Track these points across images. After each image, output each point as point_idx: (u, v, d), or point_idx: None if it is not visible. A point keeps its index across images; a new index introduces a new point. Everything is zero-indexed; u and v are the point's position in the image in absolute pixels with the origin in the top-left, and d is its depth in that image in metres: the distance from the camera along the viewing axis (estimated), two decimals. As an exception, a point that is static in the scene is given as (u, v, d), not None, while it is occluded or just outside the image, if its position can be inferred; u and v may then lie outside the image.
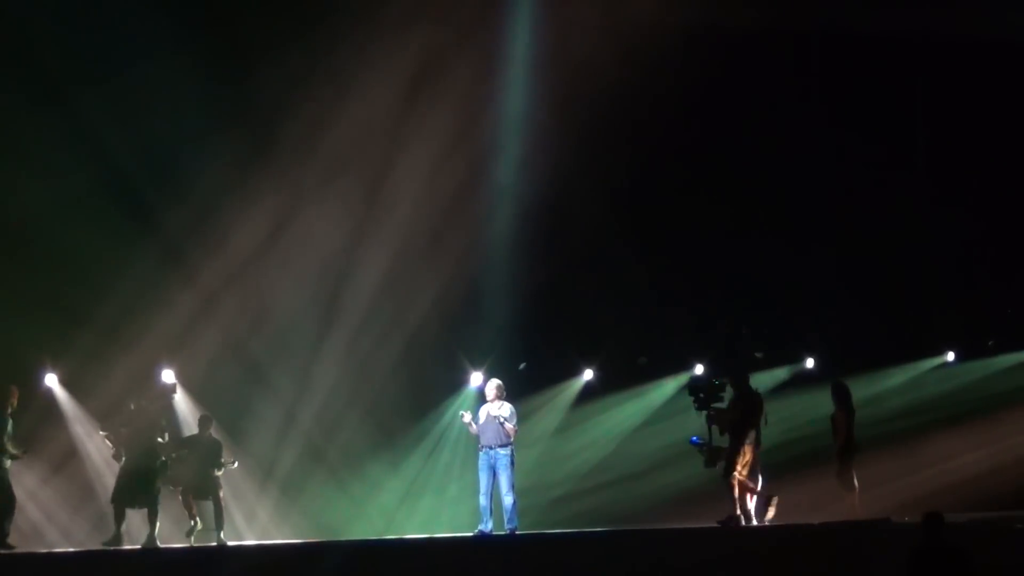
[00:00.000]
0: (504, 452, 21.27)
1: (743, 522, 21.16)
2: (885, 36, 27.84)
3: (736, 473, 21.30)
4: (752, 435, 21.44)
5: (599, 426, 27.30)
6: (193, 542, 21.01)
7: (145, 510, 20.48)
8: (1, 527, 19.92)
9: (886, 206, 28.25)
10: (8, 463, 19.98)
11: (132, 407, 20.52)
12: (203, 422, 21.73)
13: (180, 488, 21.16)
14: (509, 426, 21.25)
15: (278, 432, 24.71)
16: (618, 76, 24.25)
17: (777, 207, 27.12)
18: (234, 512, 23.68)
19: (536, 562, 19.25)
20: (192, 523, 21.10)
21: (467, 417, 21.53)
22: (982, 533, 21.06)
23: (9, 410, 20.14)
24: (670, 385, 27.46)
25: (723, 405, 21.63)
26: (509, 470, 21.30)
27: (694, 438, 21.57)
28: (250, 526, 24.32)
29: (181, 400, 23.60)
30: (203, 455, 21.26)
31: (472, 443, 21.85)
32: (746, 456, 21.40)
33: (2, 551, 19.69)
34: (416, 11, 24.90)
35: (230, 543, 21.33)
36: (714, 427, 21.53)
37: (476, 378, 24.60)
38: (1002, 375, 28.72)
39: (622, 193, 26.39)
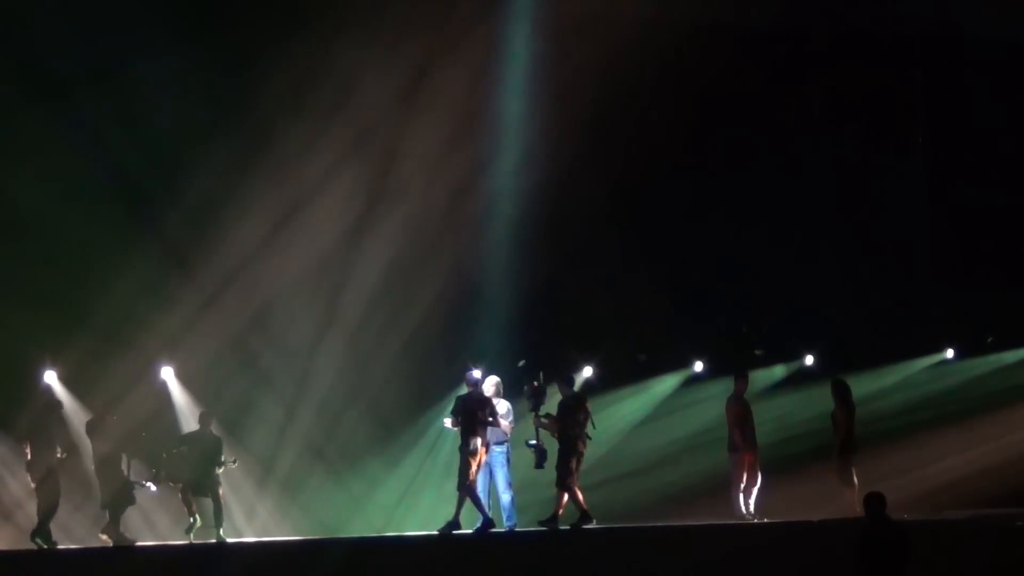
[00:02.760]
0: (499, 450, 21.28)
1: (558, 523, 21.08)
2: (885, 33, 27.86)
3: (570, 479, 21.14)
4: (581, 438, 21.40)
5: (598, 423, 27.07)
6: (193, 539, 21.01)
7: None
8: (44, 524, 20.25)
9: (886, 202, 28.28)
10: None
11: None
12: (203, 419, 21.74)
13: (180, 485, 21.18)
14: (505, 423, 21.25)
15: (278, 429, 24.70)
16: (618, 72, 24.24)
17: (777, 204, 27.11)
18: (234, 509, 23.68)
19: (535, 559, 19.28)
20: (191, 520, 21.10)
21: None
22: (982, 531, 21.11)
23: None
24: (669, 382, 27.46)
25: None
26: (505, 467, 21.33)
27: (529, 441, 21.48)
28: (250, 523, 24.31)
29: (180, 397, 23.66)
30: (203, 452, 21.27)
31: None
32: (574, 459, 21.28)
33: (44, 546, 20.00)
34: (417, 7, 24.92)
35: (229, 540, 21.34)
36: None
37: (475, 375, 24.57)
38: (1001, 372, 28.72)
39: (621, 190, 26.38)
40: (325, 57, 24.15)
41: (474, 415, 20.84)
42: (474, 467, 20.72)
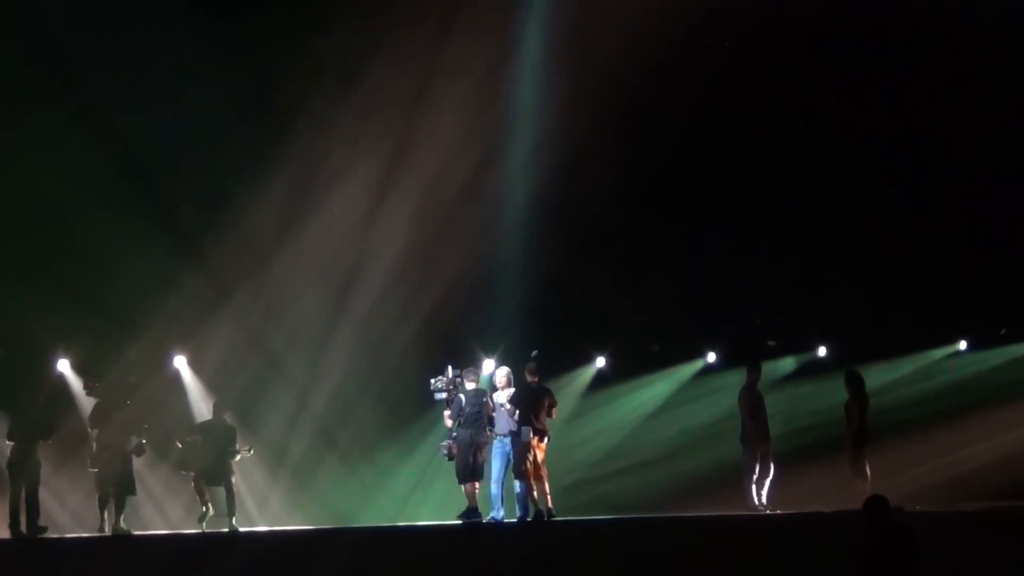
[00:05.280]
0: (506, 440, 21.29)
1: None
2: (895, 25, 27.77)
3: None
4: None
5: (611, 413, 27.31)
6: (205, 528, 21.03)
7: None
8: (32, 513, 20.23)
9: (899, 192, 28.21)
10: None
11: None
12: (217, 408, 21.76)
13: (193, 474, 21.20)
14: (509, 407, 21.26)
15: (290, 418, 24.75)
16: (633, 61, 24.20)
17: (790, 194, 27.04)
18: (246, 498, 23.73)
19: (548, 549, 19.27)
20: (204, 509, 21.13)
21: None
22: (995, 522, 21.07)
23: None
24: (682, 372, 27.46)
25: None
26: (501, 459, 21.40)
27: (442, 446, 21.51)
28: (262, 512, 24.36)
29: (193, 386, 23.68)
30: (216, 441, 21.28)
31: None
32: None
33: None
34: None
35: (242, 529, 21.36)
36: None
37: (488, 365, 24.57)
38: (1014, 364, 28.66)
39: (635, 180, 26.34)
40: (339, 45, 24.14)
41: (534, 405, 21.05)
42: (530, 457, 20.93)
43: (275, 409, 24.57)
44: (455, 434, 21.11)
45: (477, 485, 21.03)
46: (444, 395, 21.23)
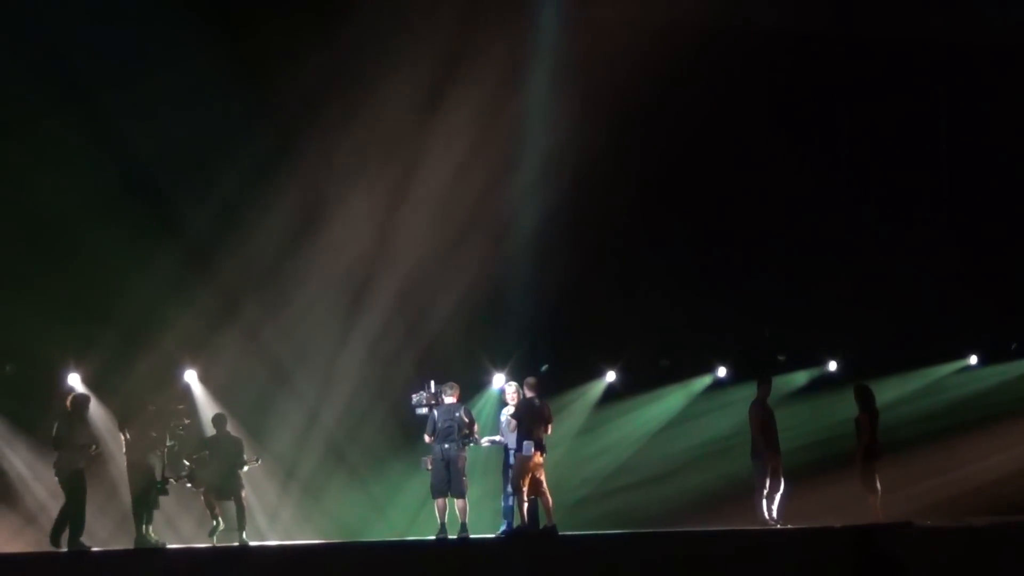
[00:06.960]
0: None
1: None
2: (906, 40, 27.79)
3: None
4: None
5: (621, 428, 27.28)
6: (215, 542, 21.04)
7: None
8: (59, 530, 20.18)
9: (910, 207, 28.21)
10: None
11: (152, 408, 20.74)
12: (218, 421, 21.74)
13: (202, 489, 21.20)
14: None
15: (300, 432, 24.74)
16: (644, 76, 24.22)
17: (801, 208, 27.05)
18: (256, 512, 23.71)
19: (558, 563, 19.26)
20: (214, 523, 21.14)
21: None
22: (1004, 537, 21.03)
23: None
24: (692, 387, 27.45)
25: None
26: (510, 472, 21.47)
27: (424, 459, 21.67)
28: (272, 526, 24.35)
29: (203, 400, 23.68)
30: (224, 455, 21.29)
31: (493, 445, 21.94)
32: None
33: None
34: (441, 10, 24.93)
35: (252, 543, 21.36)
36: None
37: (498, 379, 24.58)
38: (1025, 378, 28.70)
39: (645, 194, 26.36)
40: (349, 60, 24.19)
41: (536, 420, 20.97)
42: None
43: (285, 423, 24.57)
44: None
45: (459, 502, 21.22)
46: (425, 410, 21.38)
